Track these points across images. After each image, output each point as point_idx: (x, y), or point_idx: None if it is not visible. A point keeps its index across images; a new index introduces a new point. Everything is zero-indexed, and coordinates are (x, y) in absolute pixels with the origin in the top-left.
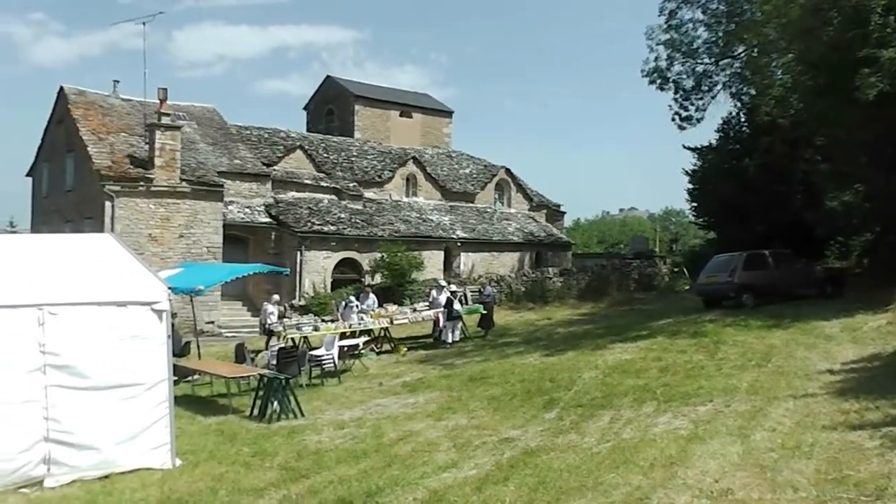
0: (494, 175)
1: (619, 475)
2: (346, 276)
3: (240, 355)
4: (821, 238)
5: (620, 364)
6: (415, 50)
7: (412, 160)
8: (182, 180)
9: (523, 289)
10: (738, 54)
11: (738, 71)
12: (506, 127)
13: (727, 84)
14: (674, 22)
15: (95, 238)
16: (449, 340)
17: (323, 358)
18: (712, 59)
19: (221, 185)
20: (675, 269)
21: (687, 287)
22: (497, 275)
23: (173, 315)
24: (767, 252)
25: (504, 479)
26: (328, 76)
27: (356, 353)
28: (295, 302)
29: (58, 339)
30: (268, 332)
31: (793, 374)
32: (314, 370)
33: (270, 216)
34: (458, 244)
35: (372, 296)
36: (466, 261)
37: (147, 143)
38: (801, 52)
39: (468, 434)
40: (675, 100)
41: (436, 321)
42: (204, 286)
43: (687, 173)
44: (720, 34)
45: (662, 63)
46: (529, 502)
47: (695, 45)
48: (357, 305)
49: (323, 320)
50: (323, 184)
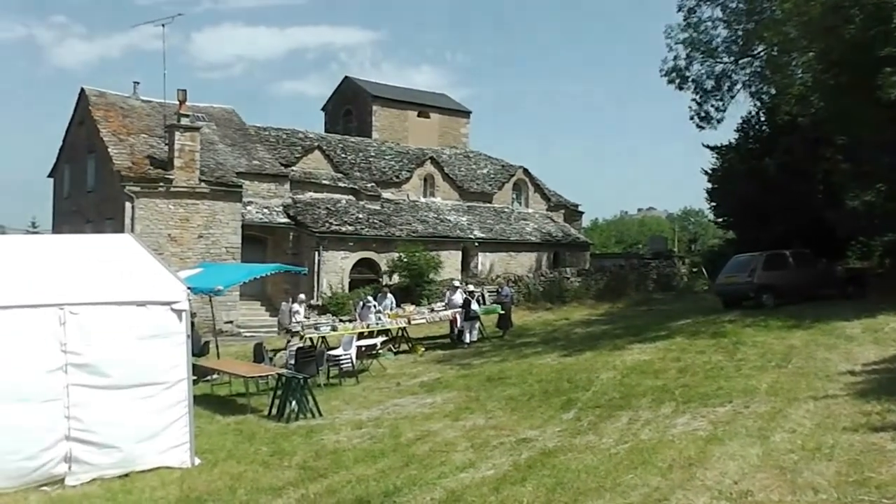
0: (512, 175)
1: (638, 476)
2: (364, 277)
3: (258, 355)
4: (842, 238)
5: (639, 364)
6: (432, 50)
7: (430, 160)
8: (201, 181)
9: (541, 289)
10: (758, 53)
11: (758, 70)
12: (523, 127)
13: (747, 83)
14: (692, 20)
15: (116, 238)
16: (466, 340)
17: (341, 358)
18: (732, 58)
19: (240, 186)
20: (694, 269)
21: (706, 287)
22: (515, 275)
23: (192, 315)
24: (788, 252)
25: (522, 480)
26: (346, 77)
27: (374, 353)
28: (313, 302)
29: (79, 339)
30: (291, 331)
31: (813, 375)
32: (332, 370)
33: (289, 216)
34: (476, 244)
35: (389, 296)
36: (484, 261)
37: (166, 144)
38: (821, 50)
39: (486, 434)
40: (694, 100)
41: (453, 321)
42: (223, 286)
43: (706, 173)
44: (739, 33)
45: (681, 62)
46: (547, 503)
47: (714, 44)
48: (375, 305)
49: (341, 320)
50: (341, 184)
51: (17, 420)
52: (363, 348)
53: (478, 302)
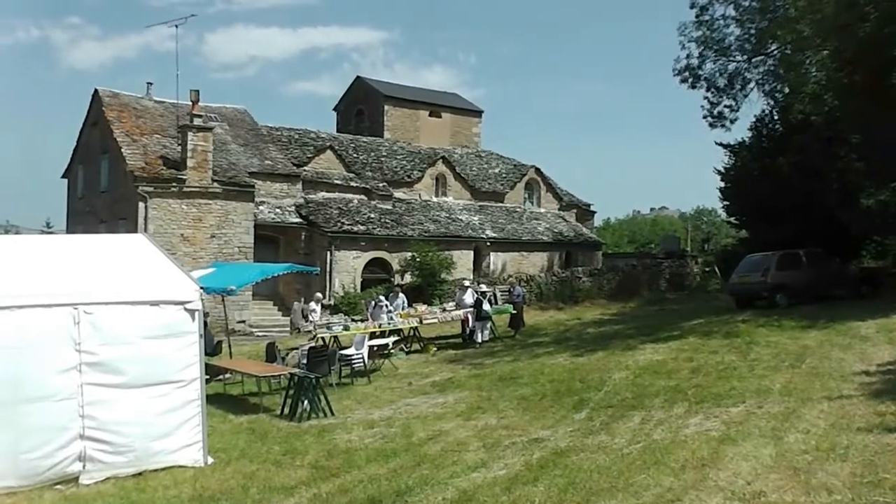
0: (524, 174)
1: (650, 476)
2: (376, 276)
3: (270, 354)
4: (856, 237)
5: (651, 364)
6: (443, 50)
7: (441, 160)
8: (214, 181)
9: (553, 289)
10: (772, 51)
11: (772, 68)
12: (535, 127)
13: (760, 82)
14: (705, 18)
15: (129, 238)
16: (478, 340)
17: (353, 357)
18: (745, 57)
19: (252, 186)
20: (707, 269)
21: (719, 287)
22: (527, 275)
23: (205, 314)
24: (801, 251)
25: (534, 480)
26: (358, 77)
27: (386, 352)
28: (325, 301)
29: (93, 338)
30: (312, 331)
31: (827, 376)
32: (344, 369)
33: (301, 216)
34: (488, 244)
35: (401, 295)
36: (496, 261)
37: (179, 145)
38: (835, 48)
39: (498, 434)
40: (706, 98)
41: (464, 321)
42: (235, 286)
43: (719, 172)
44: (753, 31)
45: (694, 61)
46: (559, 503)
47: (727, 43)
48: (387, 305)
49: (353, 320)
50: (353, 184)
51: (32, 419)
52: (375, 348)
53: (489, 302)
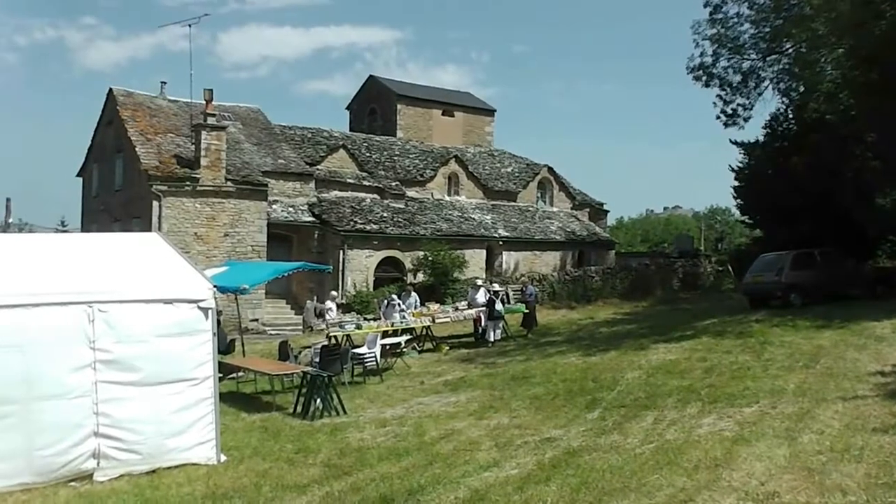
0: (537, 173)
1: (663, 477)
2: (389, 275)
3: (283, 353)
4: (872, 237)
5: (664, 364)
6: (456, 49)
7: (454, 159)
8: (227, 180)
9: (566, 288)
10: (786, 49)
11: (787, 67)
12: (548, 125)
13: (775, 80)
14: (718, 16)
15: (143, 237)
16: (491, 339)
17: (365, 356)
18: (759, 55)
19: (266, 185)
20: (721, 269)
21: (732, 287)
22: (539, 274)
23: (219, 313)
24: (816, 251)
25: (546, 479)
26: (371, 76)
27: (398, 351)
28: (338, 300)
29: (107, 336)
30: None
31: (842, 376)
32: (357, 368)
33: (314, 215)
34: (500, 243)
35: (414, 294)
36: (508, 260)
37: (193, 144)
38: (851, 46)
39: (510, 433)
40: (719, 97)
41: (477, 320)
42: (248, 285)
43: (733, 170)
44: (767, 29)
45: (708, 59)
46: (571, 503)
47: (741, 41)
48: (399, 304)
49: (365, 318)
50: (365, 183)
51: (46, 416)
52: (388, 347)
53: (502, 301)
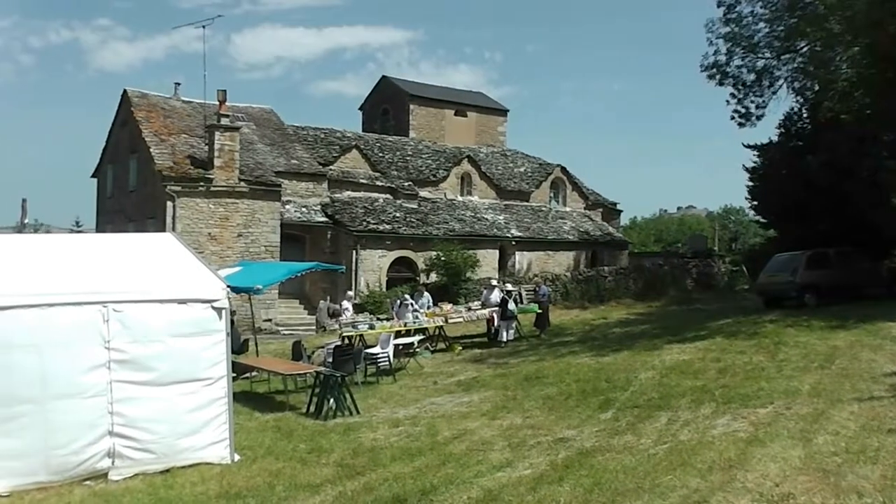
0: (550, 173)
1: (677, 477)
2: (402, 275)
3: (297, 353)
4: (888, 237)
5: (678, 364)
6: (469, 49)
7: (467, 159)
8: (241, 180)
9: (579, 288)
10: (801, 48)
11: (801, 65)
12: (561, 125)
13: (789, 79)
14: (732, 16)
15: (157, 237)
16: (503, 340)
17: (378, 356)
18: (773, 54)
19: (279, 185)
20: (735, 269)
21: (746, 287)
22: (552, 274)
23: (232, 313)
24: (831, 251)
25: (559, 480)
26: (383, 76)
27: (411, 351)
28: (354, 300)
29: (122, 336)
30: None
31: (857, 377)
32: (369, 368)
33: (326, 215)
34: (513, 243)
35: (426, 294)
36: (521, 260)
37: (207, 144)
38: (867, 45)
39: (523, 433)
40: (733, 95)
41: (490, 320)
42: (262, 285)
43: (747, 171)
44: (781, 28)
45: (722, 57)
46: (585, 503)
47: (755, 39)
48: (412, 304)
49: (378, 319)
50: (378, 183)
51: (62, 415)
52: (400, 347)
53: (515, 301)
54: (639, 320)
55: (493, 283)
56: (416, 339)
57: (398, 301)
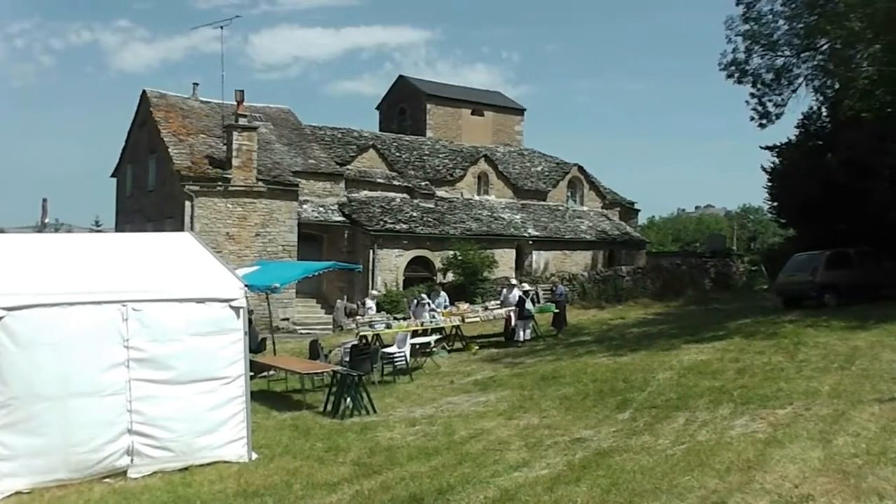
0: (567, 173)
1: (695, 478)
2: (418, 275)
3: (314, 352)
4: None
5: (696, 365)
6: (486, 48)
7: (484, 158)
8: (258, 180)
9: (596, 288)
10: (821, 46)
11: (821, 63)
12: (579, 124)
13: (809, 77)
14: (752, 14)
15: (176, 237)
16: (520, 339)
17: (395, 355)
18: (793, 52)
19: (296, 185)
20: (753, 268)
21: (765, 286)
22: (569, 273)
23: (250, 312)
24: (851, 250)
25: (576, 480)
26: (400, 76)
27: (428, 350)
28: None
29: (140, 334)
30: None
31: (878, 378)
32: (386, 367)
33: (344, 215)
34: (530, 242)
35: (443, 294)
36: (538, 259)
37: (225, 144)
38: (888, 42)
39: (540, 433)
40: (752, 95)
41: (507, 320)
42: (279, 284)
43: (766, 171)
44: (801, 26)
45: (741, 55)
46: None
47: (775, 37)
48: (429, 303)
49: (395, 318)
50: (395, 182)
51: (81, 413)
52: (417, 346)
53: (532, 301)
54: (656, 320)
55: (512, 281)
56: (432, 338)
57: (415, 300)
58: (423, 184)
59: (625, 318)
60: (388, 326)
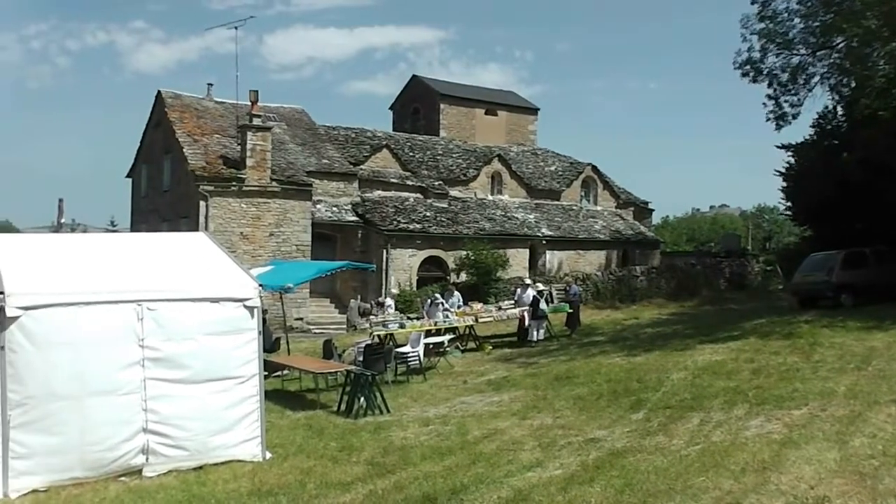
0: (580, 172)
1: (709, 479)
2: (432, 274)
3: (328, 351)
4: None
5: (710, 365)
6: (499, 48)
7: (497, 158)
8: (272, 180)
9: (610, 287)
10: (837, 44)
11: (837, 62)
12: (592, 124)
13: (825, 76)
14: (767, 12)
15: (190, 236)
16: (534, 339)
17: (409, 355)
18: (808, 50)
19: (310, 185)
20: (769, 268)
21: (780, 286)
22: (583, 273)
23: (264, 311)
24: (868, 250)
25: (590, 480)
26: (414, 76)
27: (441, 350)
28: (380, 299)
29: (156, 334)
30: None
31: (895, 378)
32: (400, 367)
33: (357, 215)
34: (544, 242)
35: (456, 293)
36: (552, 259)
37: (239, 144)
38: None
39: (553, 433)
40: (769, 97)
41: (521, 319)
42: (293, 284)
43: (781, 172)
44: (816, 24)
45: (756, 54)
46: None
47: (790, 36)
48: (443, 303)
49: (409, 318)
50: (409, 182)
51: (97, 412)
52: (431, 346)
53: (546, 301)
54: (671, 320)
55: (526, 281)
56: (446, 338)
57: (429, 300)
58: (436, 184)
59: (639, 319)
60: (402, 326)
